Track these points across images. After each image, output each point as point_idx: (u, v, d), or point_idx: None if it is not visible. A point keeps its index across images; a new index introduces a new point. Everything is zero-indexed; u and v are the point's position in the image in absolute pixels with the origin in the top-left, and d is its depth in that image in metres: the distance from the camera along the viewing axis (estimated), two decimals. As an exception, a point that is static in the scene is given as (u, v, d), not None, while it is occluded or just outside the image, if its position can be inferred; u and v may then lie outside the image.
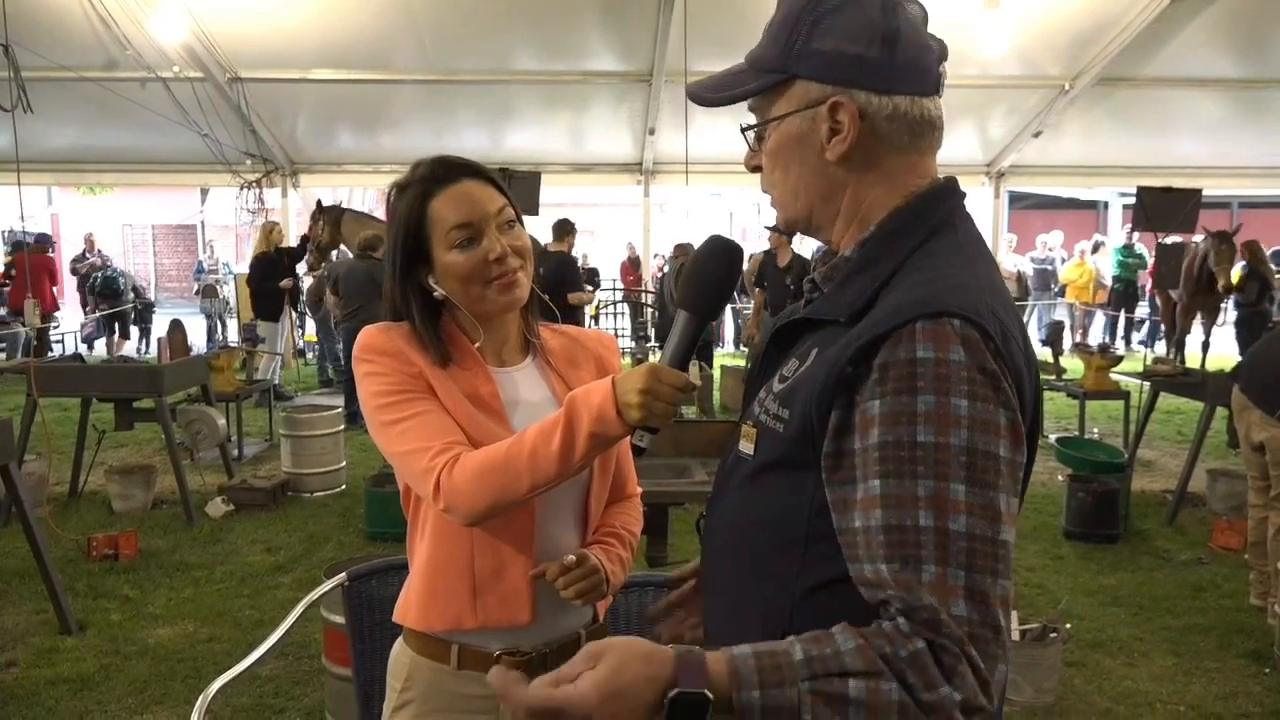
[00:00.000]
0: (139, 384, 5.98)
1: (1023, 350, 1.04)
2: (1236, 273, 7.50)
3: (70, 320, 15.07)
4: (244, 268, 18.01)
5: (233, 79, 9.84)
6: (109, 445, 6.98)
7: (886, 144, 1.10)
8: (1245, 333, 9.34)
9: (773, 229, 9.19)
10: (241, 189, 11.52)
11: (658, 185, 12.33)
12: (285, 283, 9.42)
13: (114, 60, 9.21)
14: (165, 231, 25.13)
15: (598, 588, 1.49)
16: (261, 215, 11.73)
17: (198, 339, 12.11)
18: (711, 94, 1.19)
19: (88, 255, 15.49)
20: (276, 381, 9.90)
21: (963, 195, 1.17)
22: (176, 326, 7.34)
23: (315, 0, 8.62)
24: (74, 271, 15.21)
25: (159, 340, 6.48)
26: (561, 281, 7.82)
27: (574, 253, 9.05)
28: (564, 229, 8.24)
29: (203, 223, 23.93)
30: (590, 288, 8.86)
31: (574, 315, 8.16)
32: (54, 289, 13.00)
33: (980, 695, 0.90)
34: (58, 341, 14.53)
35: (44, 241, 12.80)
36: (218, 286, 14.94)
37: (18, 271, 12.04)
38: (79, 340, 13.99)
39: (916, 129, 1.10)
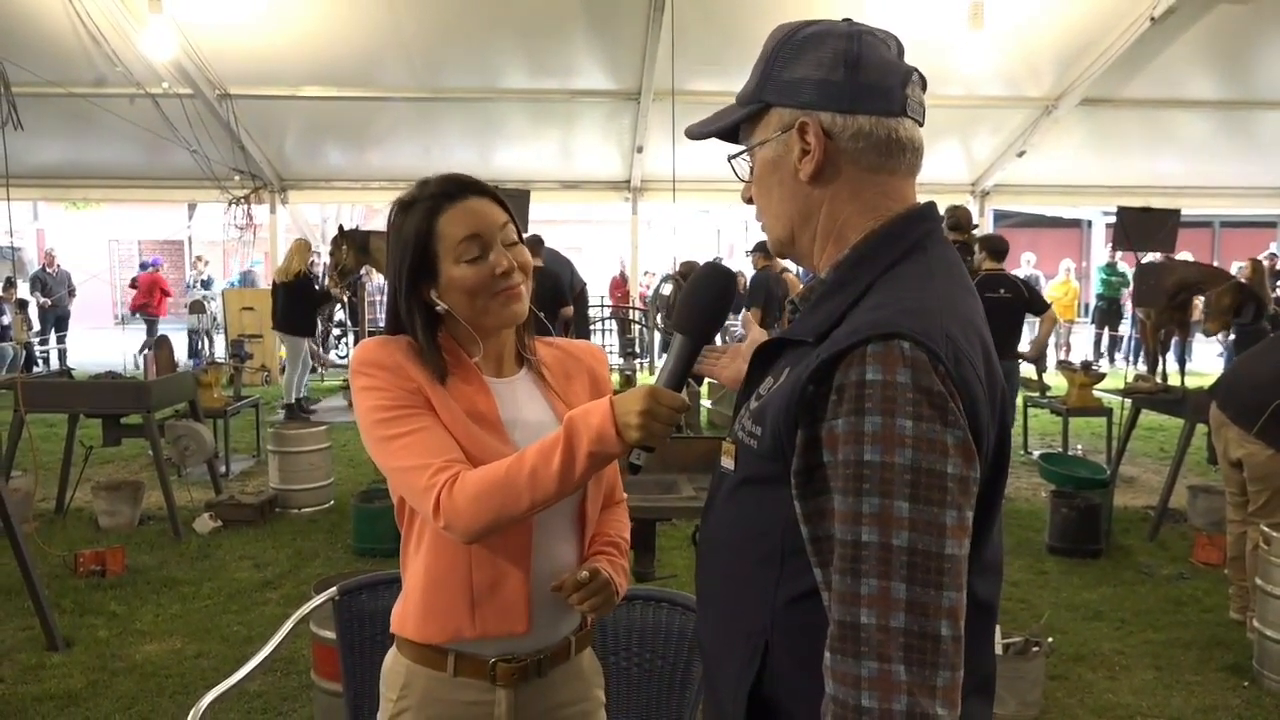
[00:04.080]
0: (127, 399, 5.97)
1: (980, 372, 1.06)
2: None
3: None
4: (230, 284, 18.08)
5: (222, 95, 9.87)
6: (95, 461, 6.96)
7: (854, 163, 1.15)
8: (1242, 352, 9.40)
9: (756, 251, 9.45)
10: (230, 205, 11.53)
11: (645, 202, 12.41)
12: (335, 292, 9.49)
13: (103, 76, 9.24)
14: (152, 247, 25.07)
15: (609, 601, 1.54)
16: (250, 231, 11.74)
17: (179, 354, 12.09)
18: (701, 128, 1.28)
19: (46, 269, 15.47)
20: (304, 394, 9.95)
21: (939, 220, 1.21)
22: (163, 342, 7.33)
23: (305, 18, 8.67)
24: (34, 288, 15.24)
25: (145, 356, 6.47)
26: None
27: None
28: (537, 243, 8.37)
29: (190, 238, 23.89)
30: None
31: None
32: (166, 300, 15.91)
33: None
34: (42, 356, 14.49)
35: (157, 264, 16.60)
36: (205, 302, 14.90)
37: (139, 286, 15.54)
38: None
39: (884, 149, 1.15)
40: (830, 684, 1.01)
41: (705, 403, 8.58)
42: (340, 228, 8.99)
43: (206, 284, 16.40)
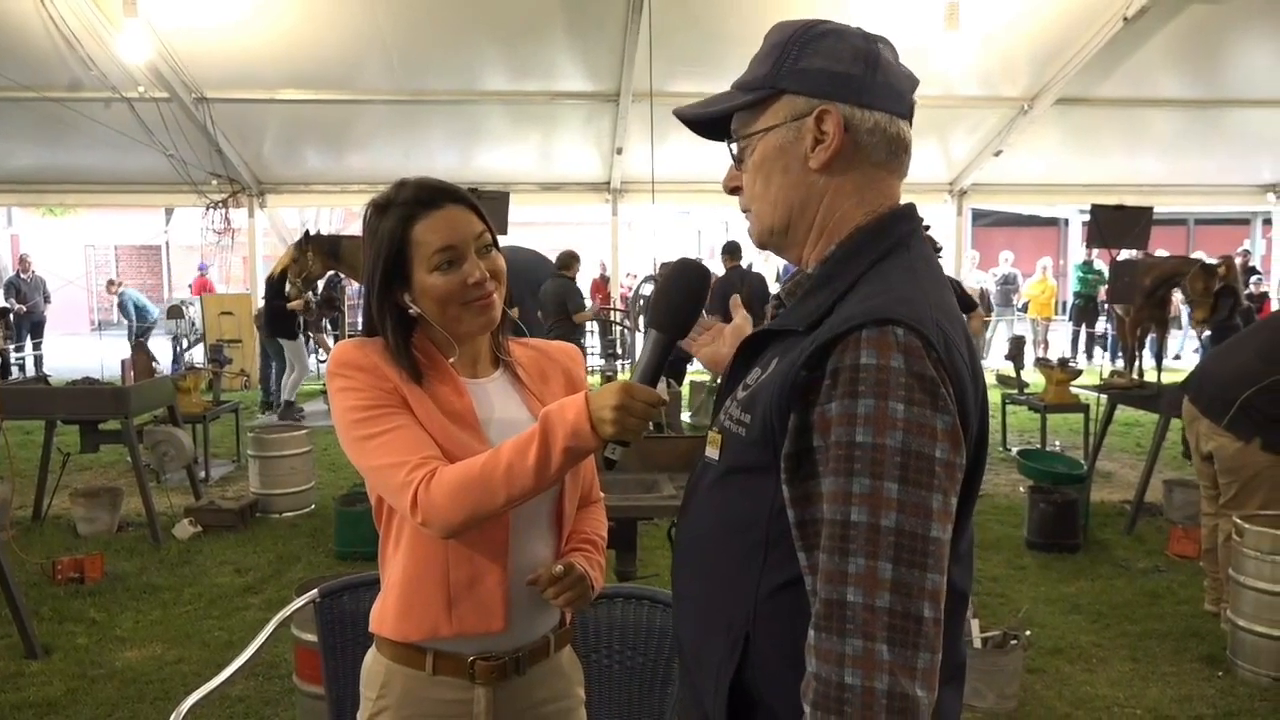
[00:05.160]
0: (105, 405, 5.93)
1: (967, 361, 1.09)
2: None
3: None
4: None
5: (199, 99, 9.82)
6: (73, 468, 6.91)
7: (865, 156, 1.17)
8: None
9: (725, 254, 9.60)
10: (207, 209, 11.46)
11: (625, 204, 12.43)
12: (294, 304, 9.43)
13: (78, 80, 9.17)
14: (128, 252, 24.89)
15: (584, 595, 1.55)
16: (228, 235, 11.68)
17: (162, 360, 12.04)
18: (700, 110, 1.26)
19: (21, 275, 15.31)
20: (290, 397, 9.96)
21: (920, 220, 1.24)
22: (140, 347, 7.29)
23: (283, 20, 8.63)
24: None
25: (122, 362, 6.44)
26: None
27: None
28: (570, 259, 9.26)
29: (167, 243, 23.73)
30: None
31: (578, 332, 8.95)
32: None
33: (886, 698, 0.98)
34: (17, 364, 14.34)
35: (204, 268, 17.72)
36: (184, 307, 14.81)
37: (193, 287, 17.58)
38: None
39: (892, 147, 1.18)
40: (813, 662, 1.03)
41: (685, 416, 8.69)
42: (306, 233, 8.96)
43: (122, 307, 15.29)
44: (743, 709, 1.14)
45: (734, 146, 1.24)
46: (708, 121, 1.26)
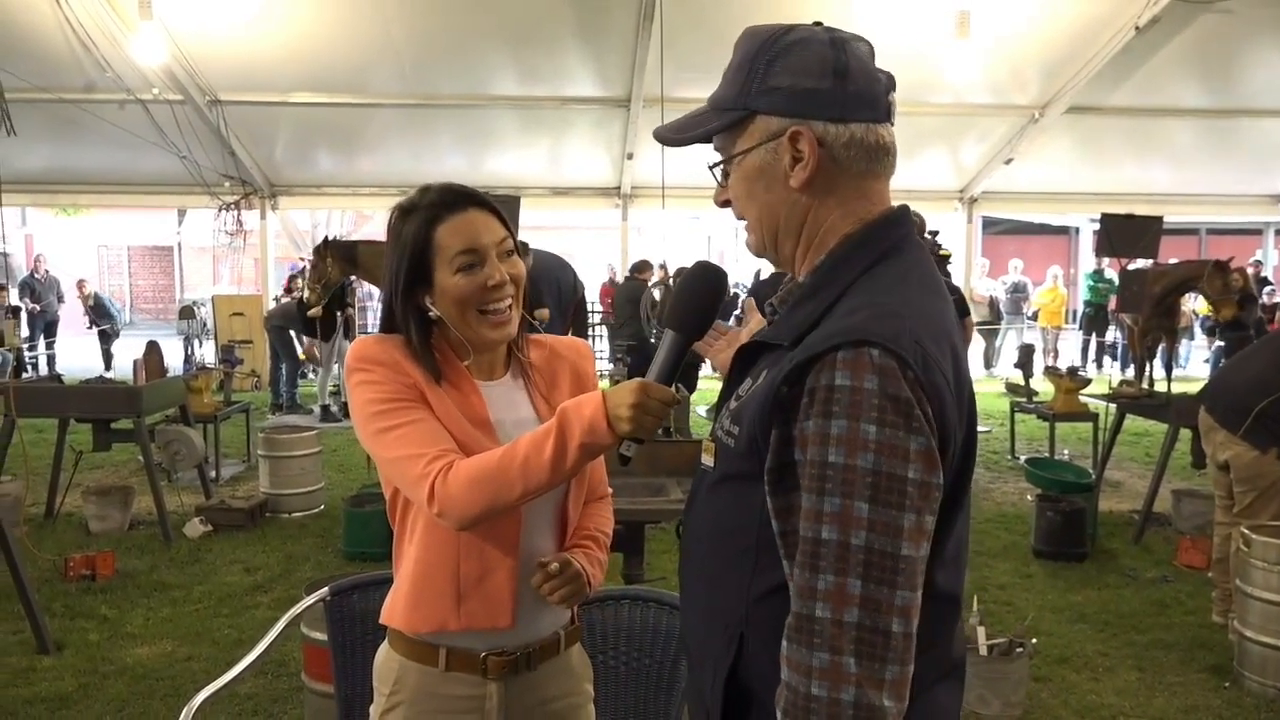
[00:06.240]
0: (117, 404, 5.97)
1: (949, 377, 1.09)
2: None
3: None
4: (221, 289, 18.04)
5: (212, 101, 9.89)
6: (85, 466, 6.95)
7: (844, 169, 1.18)
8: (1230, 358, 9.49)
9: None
10: (220, 211, 11.53)
11: (635, 209, 12.46)
12: (314, 312, 9.44)
13: (93, 82, 9.24)
14: (141, 253, 25.04)
15: (580, 591, 1.57)
16: (240, 237, 11.75)
17: (174, 360, 12.09)
18: (676, 134, 1.27)
19: (35, 275, 15.40)
20: (326, 402, 10.04)
21: (912, 225, 1.24)
22: (152, 348, 7.33)
23: (295, 24, 8.69)
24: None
25: (134, 362, 6.48)
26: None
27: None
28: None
29: (179, 244, 23.87)
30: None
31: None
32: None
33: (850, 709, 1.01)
34: (30, 362, 14.43)
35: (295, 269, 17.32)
36: (195, 308, 14.87)
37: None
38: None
39: (872, 154, 1.18)
40: (785, 671, 1.05)
41: (700, 409, 8.75)
42: (325, 238, 9.00)
43: (97, 307, 15.19)
44: (738, 703, 1.17)
45: (717, 170, 1.26)
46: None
